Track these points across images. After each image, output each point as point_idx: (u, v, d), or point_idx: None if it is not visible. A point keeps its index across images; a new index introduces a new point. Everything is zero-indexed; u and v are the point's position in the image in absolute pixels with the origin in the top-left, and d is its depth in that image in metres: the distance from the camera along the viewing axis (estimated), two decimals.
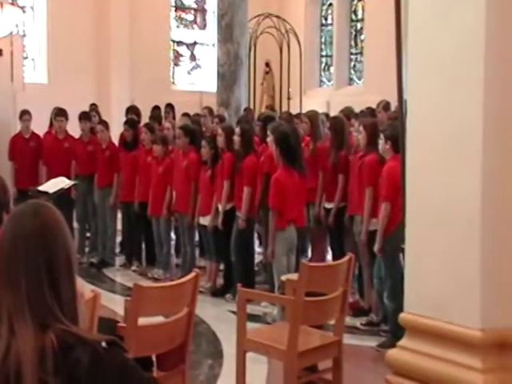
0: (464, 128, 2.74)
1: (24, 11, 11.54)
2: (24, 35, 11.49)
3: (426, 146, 2.90)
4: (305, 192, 5.80)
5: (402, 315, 3.03)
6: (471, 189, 2.70)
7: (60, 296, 1.42)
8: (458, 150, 2.76)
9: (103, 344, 1.41)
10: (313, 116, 6.71)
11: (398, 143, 3.91)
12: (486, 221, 2.68)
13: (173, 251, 7.60)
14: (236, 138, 6.25)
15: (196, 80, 13.85)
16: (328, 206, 6.24)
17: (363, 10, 12.94)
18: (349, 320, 4.90)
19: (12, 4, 9.70)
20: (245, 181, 6.19)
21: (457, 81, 2.76)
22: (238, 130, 6.34)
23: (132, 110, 8.61)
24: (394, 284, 4.83)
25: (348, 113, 6.83)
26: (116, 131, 8.37)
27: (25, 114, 8.21)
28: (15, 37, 8.78)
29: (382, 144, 5.16)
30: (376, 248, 5.15)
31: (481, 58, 2.66)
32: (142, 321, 3.12)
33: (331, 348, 3.90)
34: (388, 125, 5.67)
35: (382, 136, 5.20)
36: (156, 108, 9.70)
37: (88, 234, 8.12)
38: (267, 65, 13.56)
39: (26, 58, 11.23)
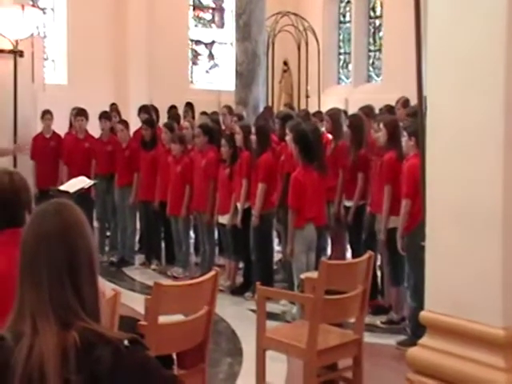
0: (485, 124, 2.71)
1: (44, 13, 11.63)
2: (45, 37, 11.58)
3: (446, 143, 2.88)
4: (324, 190, 5.79)
5: (422, 313, 3.01)
6: (492, 185, 2.68)
7: (82, 294, 1.43)
8: (479, 146, 2.74)
9: (125, 342, 1.42)
10: (334, 114, 6.66)
11: None
12: (508, 217, 2.65)
13: (192, 250, 7.63)
14: (252, 137, 6.27)
15: (214, 79, 13.87)
16: (348, 204, 6.22)
17: (382, 6, 12.87)
18: (368, 318, 4.88)
19: (33, 6, 9.80)
20: (260, 177, 6.20)
21: (477, 76, 2.74)
22: (253, 128, 6.35)
23: (144, 110, 8.59)
24: (417, 282, 4.80)
25: (368, 111, 6.78)
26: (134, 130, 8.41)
27: (46, 114, 8.30)
28: (36, 38, 8.83)
29: (406, 141, 5.14)
30: (398, 245, 5.13)
31: (502, 53, 2.63)
32: (162, 319, 3.14)
33: (351, 346, 3.89)
34: (410, 121, 5.64)
35: (404, 133, 5.18)
36: (173, 107, 9.72)
37: (108, 233, 8.17)
38: (285, 63, 13.53)
39: (46, 59, 11.33)
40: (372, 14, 13.27)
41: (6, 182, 2.45)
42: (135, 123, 8.53)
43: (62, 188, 6.82)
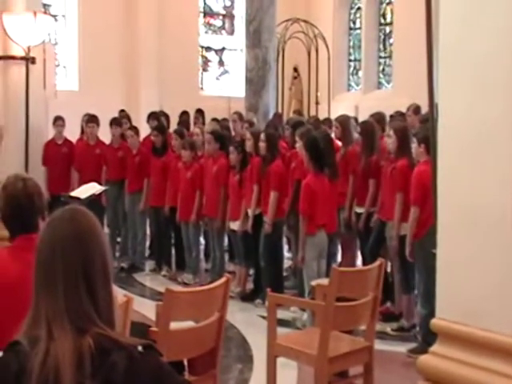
0: (496, 131, 2.71)
1: (56, 20, 11.72)
2: (56, 43, 11.67)
3: (458, 150, 2.88)
4: (336, 197, 5.80)
5: (433, 321, 3.00)
6: (504, 192, 2.67)
7: (97, 300, 1.44)
8: (491, 153, 2.73)
9: (139, 348, 1.43)
10: (344, 121, 6.68)
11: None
12: None
13: (202, 256, 7.64)
14: (261, 144, 6.27)
15: (224, 85, 13.91)
16: (359, 210, 6.22)
17: (392, 13, 12.87)
18: (379, 325, 4.87)
19: (45, 13, 9.85)
20: (272, 185, 6.21)
21: (489, 83, 2.73)
22: (262, 135, 6.36)
23: (153, 117, 8.61)
24: (427, 289, 4.79)
25: (379, 117, 6.79)
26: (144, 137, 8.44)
27: (58, 120, 8.35)
28: (47, 45, 8.88)
29: (416, 148, 5.13)
30: (406, 252, 5.12)
31: None
32: (174, 325, 3.15)
33: (362, 353, 3.88)
34: (420, 128, 5.64)
35: (414, 140, 5.17)
36: (184, 113, 9.75)
37: (118, 239, 8.20)
38: (295, 69, 13.56)
39: (58, 65, 11.40)
40: (382, 20, 13.27)
41: (19, 188, 2.47)
42: (146, 129, 8.57)
43: (73, 194, 6.85)
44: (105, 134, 8.22)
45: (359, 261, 6.64)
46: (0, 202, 2.49)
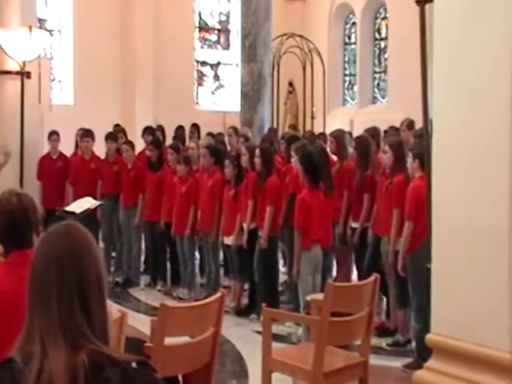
0: (491, 146, 2.72)
1: (51, 34, 11.77)
2: (51, 58, 11.71)
3: (453, 165, 2.89)
4: (331, 212, 5.79)
5: (428, 336, 3.00)
6: (498, 207, 2.68)
7: (91, 316, 1.44)
8: (485, 168, 2.75)
9: (133, 364, 1.42)
10: (339, 135, 6.72)
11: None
12: None
13: (197, 270, 7.62)
14: (257, 160, 6.27)
15: (219, 100, 13.95)
16: (354, 225, 6.22)
17: (387, 28, 12.97)
18: (374, 340, 4.85)
19: (40, 28, 9.89)
20: (268, 201, 6.21)
21: (483, 99, 2.75)
22: (258, 151, 6.35)
23: (148, 131, 8.61)
24: (420, 304, 4.78)
25: (373, 132, 6.81)
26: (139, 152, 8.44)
27: (53, 135, 8.34)
28: (43, 60, 8.91)
29: (411, 162, 5.15)
30: (398, 266, 5.12)
31: (508, 77, 2.65)
32: (168, 341, 3.13)
33: (357, 368, 3.87)
34: (415, 143, 5.66)
35: (410, 154, 5.19)
36: (180, 128, 9.77)
37: (113, 254, 8.17)
38: (290, 84, 13.62)
39: (53, 80, 11.44)
40: (377, 35, 13.37)
41: (14, 203, 2.46)
42: (141, 144, 8.57)
43: (68, 209, 6.83)
44: (101, 149, 8.22)
45: (354, 275, 6.63)
46: None
